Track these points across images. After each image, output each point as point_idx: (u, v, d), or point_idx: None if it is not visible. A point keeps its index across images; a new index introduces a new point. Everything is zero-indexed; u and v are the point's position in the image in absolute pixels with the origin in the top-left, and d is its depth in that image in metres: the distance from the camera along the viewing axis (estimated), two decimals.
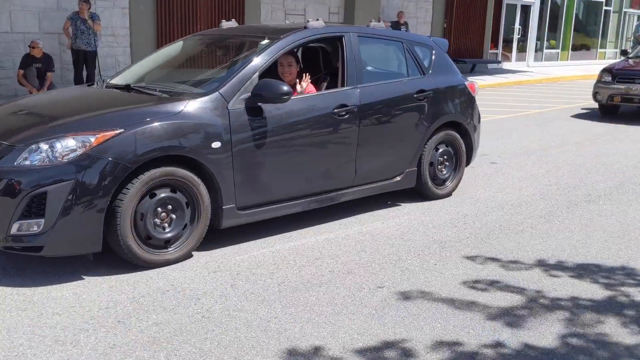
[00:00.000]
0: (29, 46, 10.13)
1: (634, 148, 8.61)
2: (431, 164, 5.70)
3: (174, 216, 4.11)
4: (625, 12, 28.23)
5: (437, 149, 5.75)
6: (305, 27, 5.00)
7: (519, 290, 3.89)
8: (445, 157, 5.86)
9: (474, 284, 3.97)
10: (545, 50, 23.95)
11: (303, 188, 4.78)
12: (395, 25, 16.35)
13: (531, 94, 15.40)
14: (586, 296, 3.83)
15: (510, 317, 3.52)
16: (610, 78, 11.37)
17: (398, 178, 5.46)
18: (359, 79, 5.10)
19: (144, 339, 3.19)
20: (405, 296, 3.76)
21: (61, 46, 11.34)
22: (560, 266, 4.31)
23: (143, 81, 5.18)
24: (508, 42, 22.32)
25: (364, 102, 5.05)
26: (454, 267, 4.26)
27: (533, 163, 7.54)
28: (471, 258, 4.43)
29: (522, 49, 22.96)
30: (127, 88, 4.81)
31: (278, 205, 4.65)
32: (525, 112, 12.08)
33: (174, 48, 5.75)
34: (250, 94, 4.39)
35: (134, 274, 3.99)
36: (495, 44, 21.46)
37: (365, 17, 15.97)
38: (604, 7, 26.44)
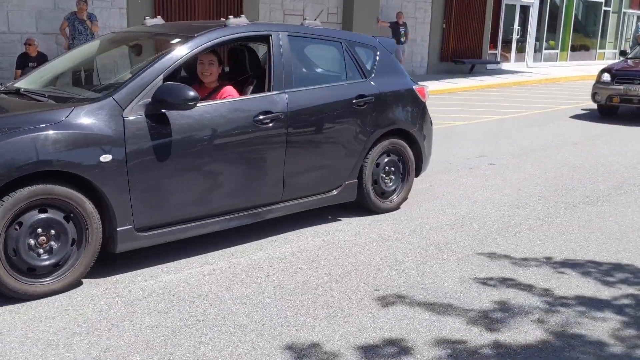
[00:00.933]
0: (25, 44, 10.12)
1: (632, 149, 8.59)
2: (375, 175, 5.30)
3: (54, 243, 3.62)
4: (624, 13, 28.20)
5: (381, 159, 5.32)
6: (225, 25, 4.55)
7: (517, 291, 3.86)
8: (391, 167, 5.42)
9: (471, 286, 3.94)
10: (544, 51, 23.93)
11: (220, 205, 4.30)
12: (395, 25, 16.33)
13: (530, 94, 15.38)
14: (586, 296, 3.80)
15: (508, 317, 3.49)
16: (609, 79, 11.34)
17: (335, 192, 5.02)
18: (288, 83, 4.65)
19: (138, 342, 3.16)
20: (402, 299, 3.74)
21: (58, 46, 11.31)
22: (558, 267, 4.28)
23: (51, 84, 4.70)
24: (507, 43, 22.30)
25: (293, 109, 4.59)
26: (450, 269, 4.23)
27: (531, 164, 7.52)
28: (468, 260, 4.40)
29: (521, 49, 22.94)
30: (16, 92, 4.35)
31: (188, 225, 4.15)
32: (524, 113, 12.05)
33: (89, 47, 5.29)
34: (150, 99, 3.91)
35: (128, 275, 3.96)
36: (494, 45, 21.43)
37: (364, 17, 15.96)
38: (604, 8, 26.43)
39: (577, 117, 11.71)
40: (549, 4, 23.46)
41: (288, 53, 4.73)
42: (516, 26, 22.31)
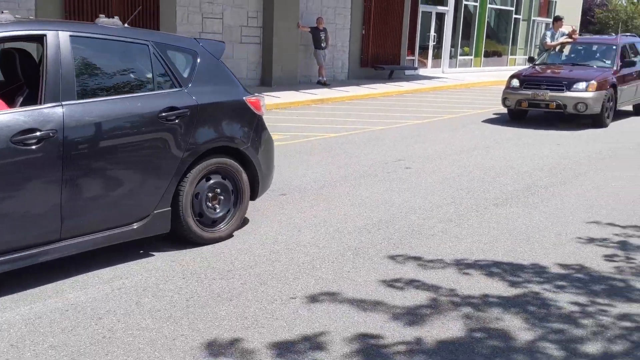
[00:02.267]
0: None
1: (540, 152, 9.00)
2: (196, 201, 4.58)
3: None
4: (533, 20, 29.65)
5: (204, 182, 4.61)
6: None
7: (431, 291, 3.94)
8: (219, 191, 4.72)
9: (386, 290, 3.98)
10: (459, 57, 24.74)
11: None
12: (315, 30, 16.44)
13: (446, 99, 15.86)
14: (493, 294, 3.92)
15: (421, 316, 3.55)
16: (518, 84, 11.78)
17: (137, 224, 4.26)
18: (68, 94, 3.88)
19: None
20: (318, 306, 3.73)
21: None
22: (469, 268, 4.40)
23: None
24: (424, 49, 22.92)
25: (72, 125, 3.82)
26: (367, 273, 4.26)
27: (446, 167, 7.73)
28: (384, 263, 4.45)
29: (437, 55, 23.63)
30: None
31: None
32: (440, 117, 12.41)
33: None
34: None
35: (30, 292, 3.74)
36: (412, 51, 21.97)
37: (285, 22, 15.98)
38: (514, 15, 27.65)
39: (489, 121, 12.17)
40: (463, 11, 24.32)
41: (69, 57, 3.95)
42: (432, 33, 22.98)
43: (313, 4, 17.21)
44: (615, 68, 12.08)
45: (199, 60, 4.70)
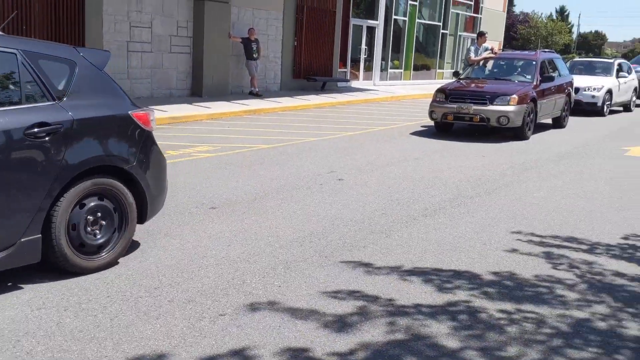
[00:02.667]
0: None
1: (465, 163, 9.28)
2: (73, 226, 4.16)
3: None
4: (460, 35, 30.68)
5: (82, 205, 4.21)
6: None
7: (363, 302, 3.95)
8: (100, 214, 4.32)
9: (318, 302, 3.97)
10: (389, 70, 25.26)
11: None
12: (247, 41, 16.38)
13: (377, 111, 16.13)
14: (424, 304, 3.98)
15: (353, 327, 3.56)
16: (443, 98, 12.07)
17: (1, 254, 3.81)
18: None
19: None
20: (248, 322, 3.67)
21: None
22: (399, 279, 4.45)
23: None
24: (356, 62, 23.28)
25: None
26: (298, 287, 4.24)
27: (376, 179, 7.84)
28: (316, 277, 4.45)
29: (369, 68, 24.05)
30: None
31: None
32: (372, 129, 12.60)
33: None
34: None
35: None
36: (344, 63, 22.26)
37: (216, 32, 15.84)
38: (442, 30, 28.54)
39: (418, 133, 12.45)
40: (393, 25, 24.87)
41: None
42: (363, 46, 23.37)
43: (244, 14, 17.15)
44: (535, 82, 12.50)
45: (77, 70, 4.31)
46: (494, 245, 5.37)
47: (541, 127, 13.67)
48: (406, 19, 25.58)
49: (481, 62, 13.75)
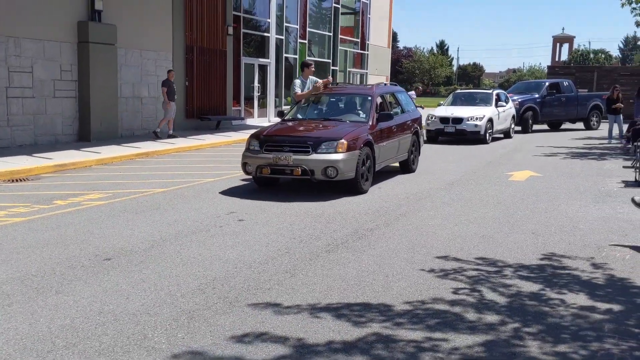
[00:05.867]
0: None
1: (363, 196, 9.46)
2: None
3: None
4: (349, 71, 31.71)
5: None
6: None
7: (273, 346, 3.87)
8: None
9: (225, 351, 3.84)
10: (284, 107, 25.56)
11: None
12: (169, 82, 16.53)
13: None
14: (336, 340, 3.95)
15: None
16: (258, 146, 9.51)
17: None
18: None
19: None
20: None
21: None
22: (308, 318, 4.40)
23: None
24: (249, 100, 23.38)
25: None
26: (202, 337, 4.09)
27: (278, 216, 7.81)
28: (221, 325, 4.31)
29: (263, 105, 24.22)
30: None
31: None
32: None
33: None
34: None
35: None
36: (237, 101, 22.29)
37: (102, 76, 15.34)
38: (332, 67, 29.39)
39: None
40: (284, 63, 25.28)
41: None
42: (256, 84, 23.54)
43: (132, 56, 16.78)
44: (371, 122, 10.10)
45: None
46: (396, 277, 5.47)
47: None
48: (296, 56, 26.12)
49: (310, 98, 11.05)
